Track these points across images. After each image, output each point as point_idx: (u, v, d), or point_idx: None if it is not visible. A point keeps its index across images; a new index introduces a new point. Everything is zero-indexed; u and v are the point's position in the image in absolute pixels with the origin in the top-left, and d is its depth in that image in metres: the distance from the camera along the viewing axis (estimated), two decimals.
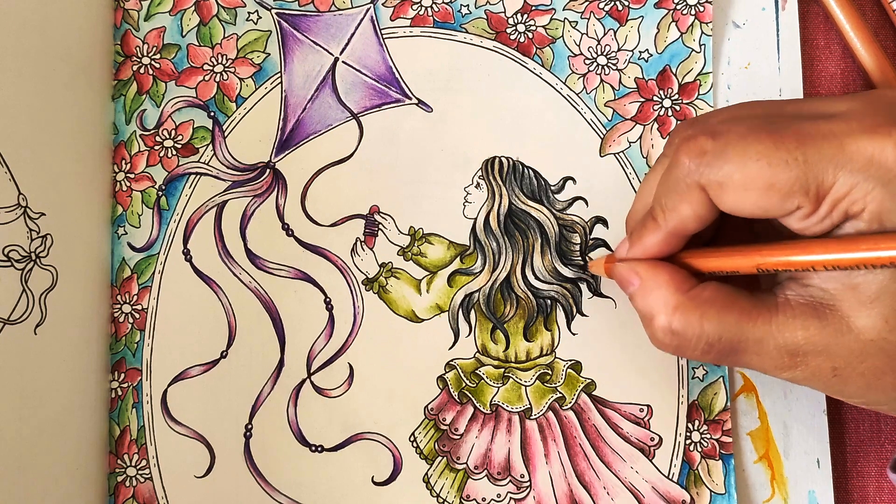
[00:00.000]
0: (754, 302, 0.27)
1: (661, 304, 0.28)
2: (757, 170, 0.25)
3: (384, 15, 0.39)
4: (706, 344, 0.28)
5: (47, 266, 0.34)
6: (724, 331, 0.27)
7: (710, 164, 0.26)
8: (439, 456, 0.36)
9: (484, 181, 0.37)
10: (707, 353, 0.28)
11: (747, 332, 0.27)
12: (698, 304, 0.28)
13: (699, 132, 0.27)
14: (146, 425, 0.37)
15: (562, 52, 0.38)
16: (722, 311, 0.27)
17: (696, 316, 0.27)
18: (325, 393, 0.37)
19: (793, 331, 0.26)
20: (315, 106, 0.39)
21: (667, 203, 0.28)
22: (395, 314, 0.37)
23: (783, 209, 0.25)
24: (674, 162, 0.27)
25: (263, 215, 0.38)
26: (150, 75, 0.39)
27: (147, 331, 0.38)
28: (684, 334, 0.28)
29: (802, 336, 0.26)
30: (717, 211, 0.27)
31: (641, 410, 0.36)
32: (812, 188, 0.24)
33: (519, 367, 0.37)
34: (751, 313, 0.27)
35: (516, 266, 0.37)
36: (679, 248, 0.29)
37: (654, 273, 0.29)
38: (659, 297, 0.28)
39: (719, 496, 0.35)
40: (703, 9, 0.37)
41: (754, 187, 0.25)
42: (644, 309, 0.29)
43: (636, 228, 0.30)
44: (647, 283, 0.29)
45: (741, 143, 0.25)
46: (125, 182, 0.39)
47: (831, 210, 0.25)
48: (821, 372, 0.27)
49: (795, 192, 0.25)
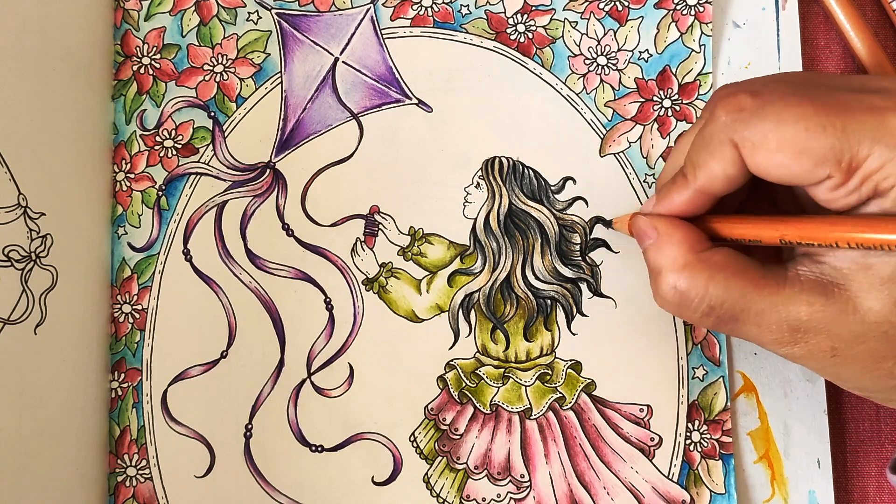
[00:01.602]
0: (763, 272, 0.27)
1: (670, 261, 0.28)
2: (793, 132, 0.25)
3: (384, 15, 0.39)
4: (708, 306, 0.27)
5: (47, 266, 0.34)
6: (729, 296, 0.27)
7: (746, 121, 0.26)
8: (439, 456, 0.36)
9: (484, 181, 0.37)
10: (707, 317, 0.28)
11: (751, 301, 0.27)
12: (707, 266, 0.27)
13: (740, 90, 0.26)
14: (146, 425, 0.37)
15: (562, 52, 0.38)
16: (730, 277, 0.27)
17: (704, 277, 0.27)
18: (325, 393, 0.37)
19: (797, 305, 0.26)
20: (315, 106, 0.39)
21: (698, 159, 0.28)
22: (395, 314, 0.37)
23: (813, 177, 0.25)
24: (710, 117, 0.27)
25: (263, 215, 0.38)
26: (151, 75, 0.39)
27: (147, 331, 0.38)
28: (688, 293, 0.28)
29: (806, 312, 0.26)
30: (746, 174, 0.27)
31: (641, 410, 0.36)
32: (846, 158, 0.24)
33: (519, 367, 0.37)
34: (758, 283, 0.27)
35: (516, 266, 0.37)
36: (704, 209, 0.29)
37: (671, 229, 0.29)
38: (670, 253, 0.28)
39: (719, 496, 0.35)
40: (702, 9, 0.37)
41: (788, 150, 0.25)
42: (654, 263, 0.29)
43: (665, 185, 0.30)
44: (663, 238, 0.29)
45: (780, 104, 0.25)
46: (125, 182, 0.39)
47: (861, 184, 0.24)
48: (819, 351, 0.27)
49: (828, 160, 0.24)
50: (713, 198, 0.28)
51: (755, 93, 0.26)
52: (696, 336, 0.36)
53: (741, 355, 0.36)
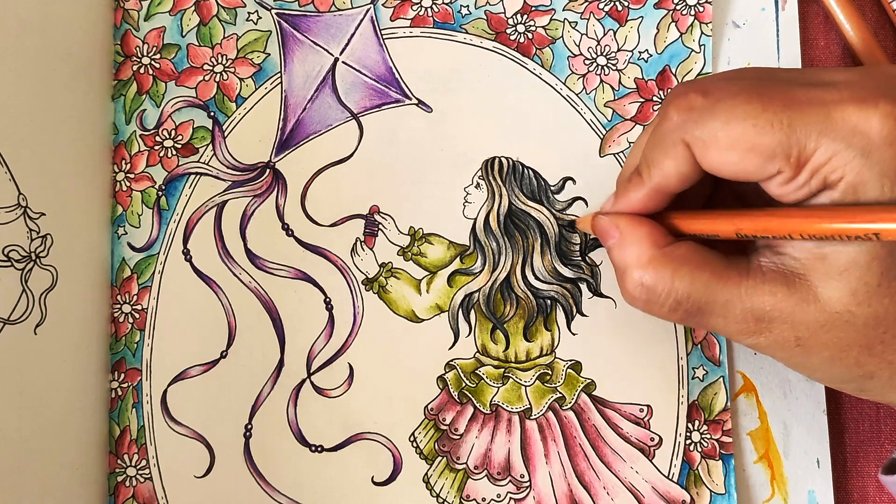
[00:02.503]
0: (727, 265, 0.28)
1: (635, 257, 0.28)
2: (741, 130, 0.25)
3: (384, 15, 0.39)
4: (674, 301, 0.28)
5: (47, 266, 0.34)
6: (694, 290, 0.27)
7: (696, 120, 0.26)
8: (439, 456, 0.36)
9: (484, 181, 0.37)
10: (674, 311, 0.28)
11: (716, 293, 0.27)
12: (671, 261, 0.28)
13: (691, 89, 0.27)
14: (146, 425, 0.37)
15: (561, 52, 0.38)
16: (694, 270, 0.27)
17: (669, 272, 0.28)
18: (325, 393, 0.37)
19: (760, 296, 0.27)
20: (315, 106, 0.39)
21: (652, 158, 0.28)
22: (395, 314, 0.37)
23: (764, 172, 0.25)
24: (662, 116, 0.27)
25: (263, 215, 0.38)
26: (150, 75, 0.39)
27: (147, 331, 0.38)
28: (654, 289, 0.28)
29: (769, 302, 0.26)
30: (700, 171, 0.27)
31: (641, 410, 0.36)
32: (794, 153, 0.24)
33: (519, 367, 0.37)
34: (722, 275, 0.27)
35: (516, 266, 0.37)
36: (662, 206, 0.29)
37: (634, 227, 0.29)
38: (634, 250, 0.28)
39: (719, 496, 0.35)
40: (702, 9, 0.37)
41: (737, 147, 0.25)
42: (619, 261, 0.29)
43: (622, 184, 0.30)
44: (626, 236, 0.29)
45: (730, 102, 0.25)
46: (125, 182, 0.39)
47: (810, 177, 0.25)
48: (784, 340, 0.27)
49: (777, 155, 0.25)
50: (669, 195, 0.29)
51: (706, 91, 0.26)
52: (696, 336, 0.36)
53: (741, 355, 0.36)
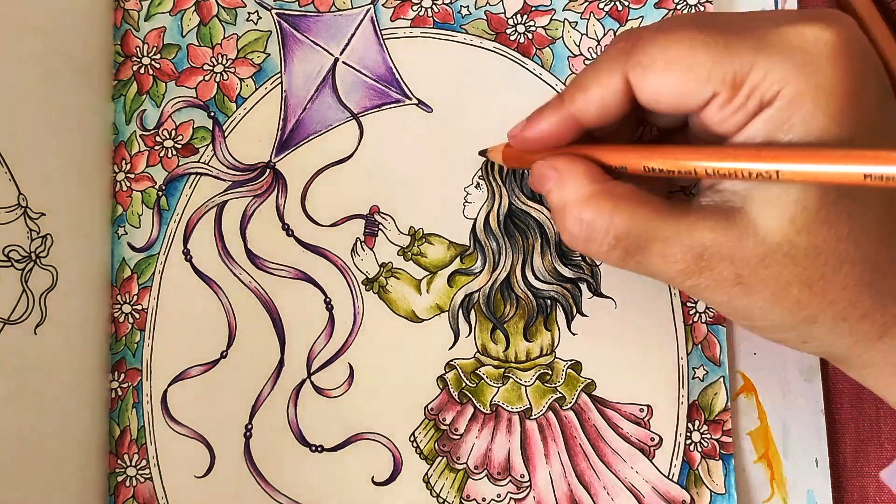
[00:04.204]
0: (668, 203, 0.28)
1: (574, 194, 0.28)
2: (678, 51, 0.25)
3: (384, 16, 0.39)
4: (614, 237, 0.27)
5: (47, 266, 0.34)
6: (634, 225, 0.27)
7: (640, 47, 0.26)
8: (439, 456, 0.36)
9: (484, 181, 0.37)
10: (614, 249, 0.28)
11: (656, 229, 0.27)
12: (612, 196, 0.27)
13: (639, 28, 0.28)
14: (146, 425, 0.37)
15: (561, 52, 0.38)
16: (635, 206, 0.27)
17: (609, 206, 0.27)
18: (325, 393, 0.37)
19: (700, 231, 0.26)
20: (315, 106, 0.39)
21: (582, 82, 0.28)
22: (395, 314, 0.37)
23: (701, 95, 0.25)
24: (606, 49, 0.28)
25: (263, 215, 0.38)
26: (150, 75, 0.39)
27: (147, 331, 0.38)
28: (593, 225, 0.28)
29: (710, 238, 0.26)
30: (623, 108, 0.27)
31: (641, 410, 0.36)
32: (730, 73, 0.25)
33: (519, 367, 0.37)
34: (661, 212, 0.27)
35: (516, 266, 0.37)
36: (569, 139, 0.29)
37: (571, 164, 0.29)
38: (573, 186, 0.28)
39: (719, 496, 0.35)
40: (703, 8, 0.37)
41: (675, 68, 0.25)
42: (558, 201, 0.29)
43: (537, 109, 0.30)
44: (564, 174, 0.29)
45: (670, 30, 0.26)
46: (125, 182, 0.39)
47: (747, 98, 0.25)
48: (724, 279, 0.26)
49: (713, 76, 0.25)
50: (581, 128, 0.29)
51: (649, 27, 0.27)
52: (697, 336, 0.36)
53: (741, 355, 0.36)
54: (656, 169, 0.27)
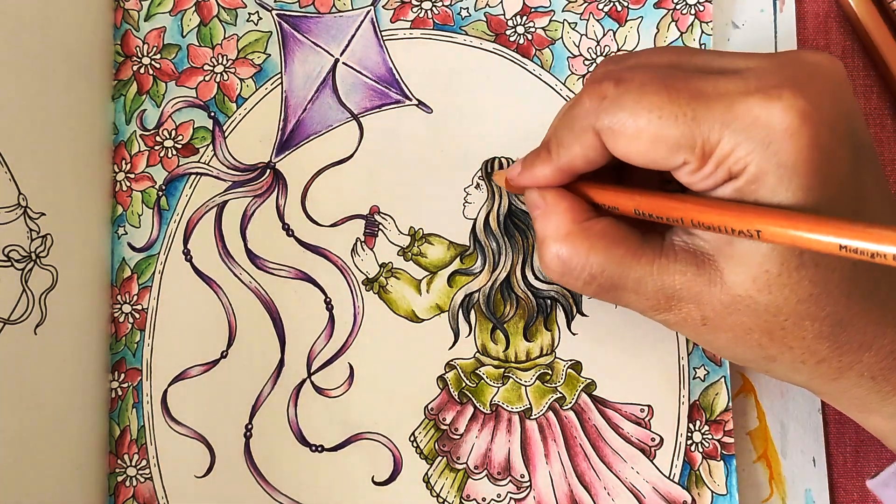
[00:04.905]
0: (641, 242, 0.28)
1: (554, 230, 0.29)
2: (647, 121, 0.26)
3: (384, 17, 0.39)
4: (589, 275, 0.28)
5: (47, 266, 0.34)
6: (608, 265, 0.28)
7: (606, 109, 0.27)
8: (439, 456, 0.36)
9: (484, 181, 0.38)
10: (589, 285, 0.29)
11: (630, 269, 0.28)
12: (588, 236, 0.28)
13: (606, 77, 0.27)
14: (146, 425, 0.37)
15: (561, 53, 0.38)
16: (610, 246, 0.28)
17: (585, 247, 0.28)
18: (325, 393, 0.37)
19: (671, 274, 0.27)
20: (315, 107, 0.39)
21: (561, 139, 0.29)
22: (395, 314, 0.37)
23: (671, 162, 0.26)
24: (577, 101, 0.28)
25: (264, 215, 0.38)
26: (151, 75, 0.39)
27: (147, 331, 0.38)
28: (569, 262, 0.29)
29: (679, 281, 0.27)
30: (606, 156, 0.28)
31: (642, 411, 0.36)
32: (698, 145, 0.25)
33: (519, 367, 0.37)
34: (636, 252, 0.28)
35: (516, 266, 0.37)
36: (567, 182, 0.30)
37: (558, 200, 0.30)
38: (554, 222, 0.29)
39: (720, 496, 0.35)
40: (702, 8, 0.37)
41: (643, 138, 0.26)
42: (540, 232, 0.30)
43: (530, 156, 0.31)
44: (549, 208, 0.30)
45: (638, 93, 0.26)
46: (125, 182, 0.39)
47: (716, 168, 0.25)
48: (692, 319, 0.28)
49: (682, 147, 0.25)
50: (575, 175, 0.30)
51: (619, 81, 0.27)
52: None
53: None
54: (646, 214, 0.28)
